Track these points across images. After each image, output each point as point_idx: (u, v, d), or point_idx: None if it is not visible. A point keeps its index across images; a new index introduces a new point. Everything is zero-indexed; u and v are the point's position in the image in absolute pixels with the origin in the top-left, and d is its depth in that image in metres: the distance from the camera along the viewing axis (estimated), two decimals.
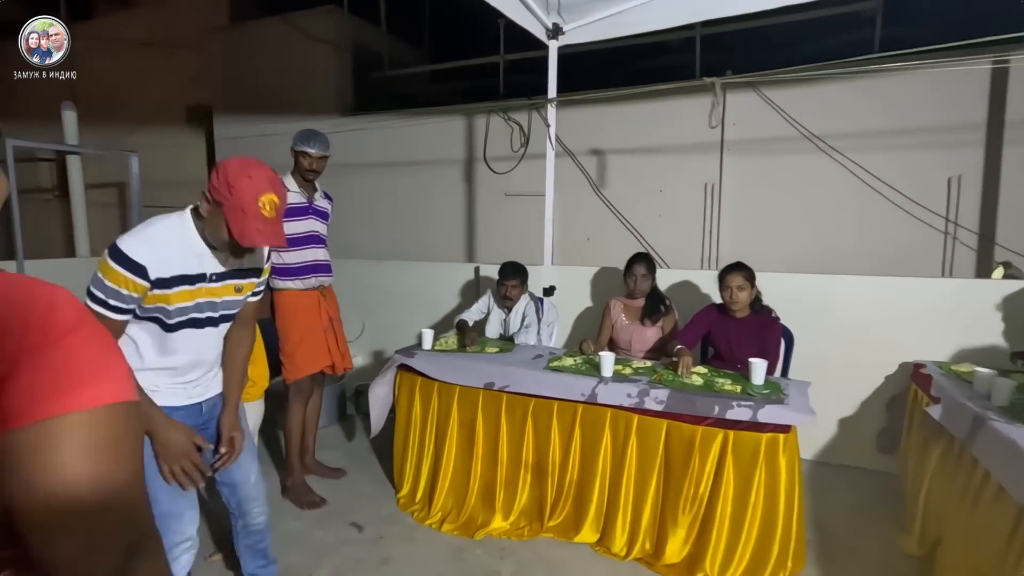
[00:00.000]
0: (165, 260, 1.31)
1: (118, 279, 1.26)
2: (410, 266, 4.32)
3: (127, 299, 1.29)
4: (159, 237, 1.32)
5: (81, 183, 5.12)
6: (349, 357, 2.87)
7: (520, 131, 4.56)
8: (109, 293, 1.27)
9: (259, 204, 1.28)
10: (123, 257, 1.26)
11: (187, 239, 1.36)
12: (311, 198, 2.68)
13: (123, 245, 1.27)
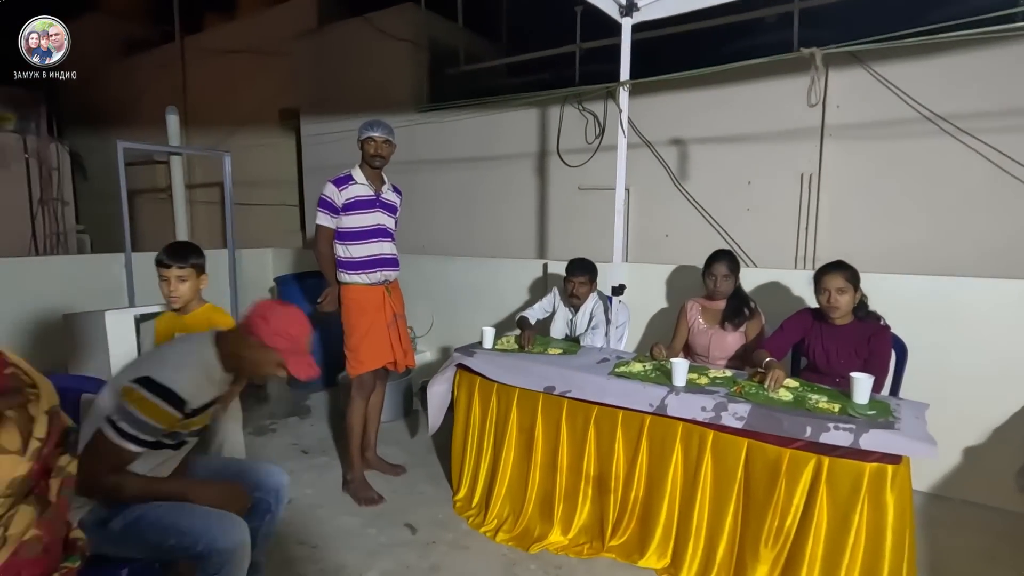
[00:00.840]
0: (201, 391, 1.44)
1: (159, 415, 1.34)
2: (478, 262, 4.24)
3: (158, 432, 1.37)
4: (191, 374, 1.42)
5: (182, 182, 5.52)
6: (412, 354, 2.83)
7: (595, 121, 4.34)
8: (145, 428, 1.34)
9: (307, 345, 1.48)
10: (161, 390, 1.34)
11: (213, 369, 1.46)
12: (378, 191, 2.65)
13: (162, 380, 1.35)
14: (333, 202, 2.56)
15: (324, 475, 2.84)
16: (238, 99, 7.71)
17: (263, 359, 1.44)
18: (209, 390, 1.45)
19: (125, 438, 1.32)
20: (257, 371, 1.49)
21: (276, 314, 1.42)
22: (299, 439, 3.36)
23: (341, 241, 2.60)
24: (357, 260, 2.59)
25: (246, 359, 1.44)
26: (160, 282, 2.02)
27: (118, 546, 1.37)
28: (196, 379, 1.40)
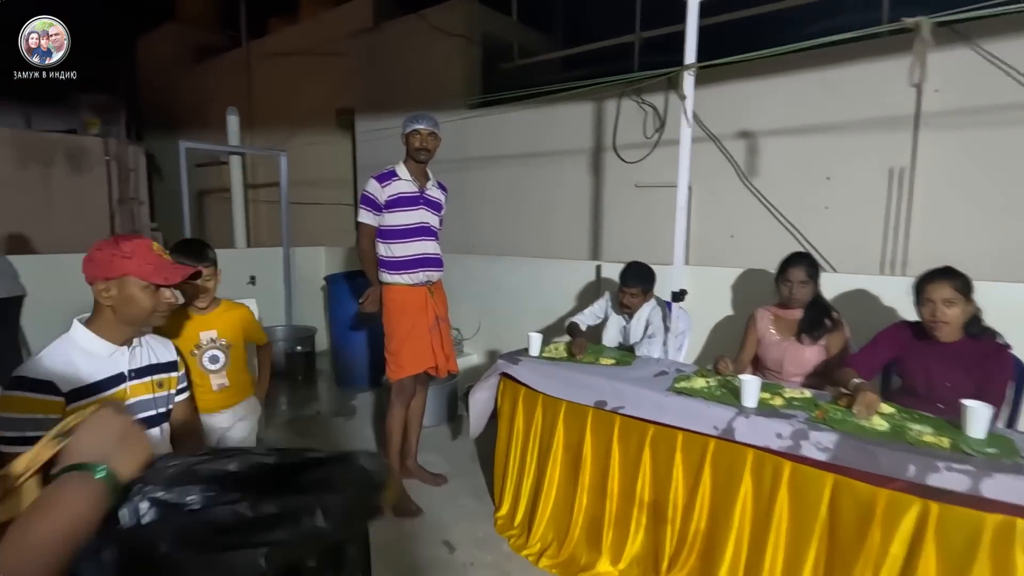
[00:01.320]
0: (75, 370, 1.29)
1: (23, 404, 1.20)
2: (528, 263, 4.07)
3: (46, 424, 1.22)
4: (55, 357, 1.29)
5: (240, 181, 5.65)
6: (454, 360, 2.69)
7: (654, 114, 4.08)
8: (21, 425, 1.18)
9: (155, 251, 1.36)
10: (25, 382, 1.22)
11: (89, 347, 1.34)
12: (423, 187, 2.53)
13: (22, 372, 1.23)
14: (375, 199, 2.46)
15: None
16: (298, 100, 7.89)
17: (124, 295, 1.32)
18: (91, 365, 1.33)
19: (11, 443, 1.18)
20: (134, 312, 1.34)
21: (95, 249, 1.32)
22: (340, 441, 3.30)
23: (383, 239, 2.49)
24: (399, 259, 2.48)
25: (111, 308, 1.33)
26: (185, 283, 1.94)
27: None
28: (59, 358, 1.29)
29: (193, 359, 1.89)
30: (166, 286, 1.40)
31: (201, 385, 1.90)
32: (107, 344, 1.36)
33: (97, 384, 1.32)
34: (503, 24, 5.67)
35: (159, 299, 1.39)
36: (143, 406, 1.43)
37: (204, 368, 1.93)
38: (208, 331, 1.94)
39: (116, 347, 1.38)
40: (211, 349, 1.95)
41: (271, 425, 3.54)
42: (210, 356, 1.95)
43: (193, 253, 1.87)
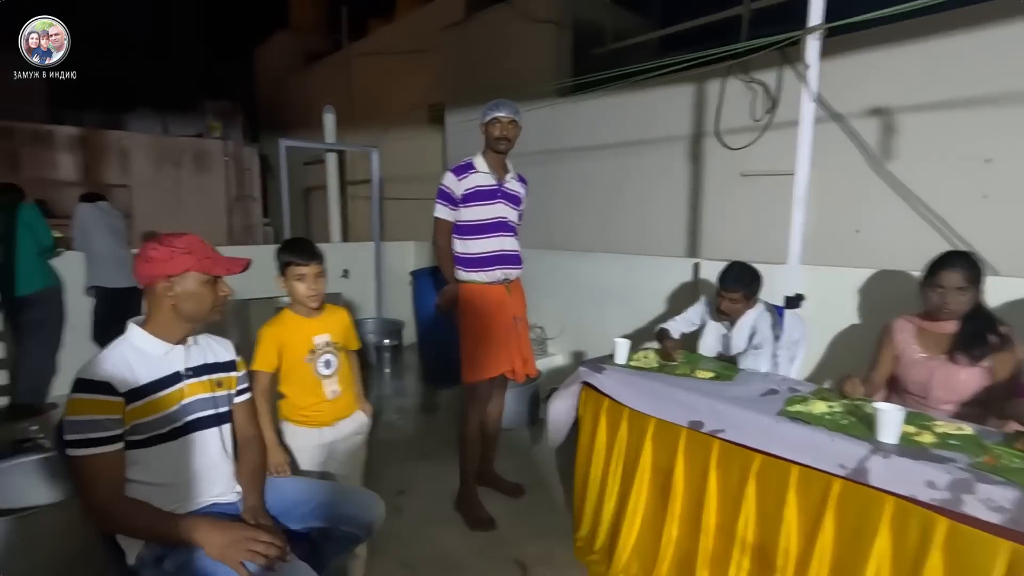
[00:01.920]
0: (132, 371, 1.28)
1: (89, 407, 1.20)
2: (617, 259, 3.80)
3: (107, 424, 1.20)
4: (112, 358, 1.28)
5: (336, 177, 5.84)
6: (533, 363, 2.52)
7: (764, 93, 3.63)
8: (87, 427, 1.18)
9: (208, 245, 1.37)
10: (84, 383, 1.21)
11: (144, 347, 1.32)
12: (501, 179, 2.37)
13: (82, 374, 1.23)
14: (451, 192, 2.34)
15: (440, 485, 2.66)
16: (393, 98, 8.09)
17: (186, 291, 1.32)
18: (147, 365, 1.30)
19: (77, 446, 1.18)
20: (196, 307, 1.34)
21: (150, 249, 1.31)
22: (422, 439, 3.25)
23: (459, 235, 2.37)
24: (475, 256, 2.35)
25: (172, 306, 1.32)
26: (294, 283, 1.74)
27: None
28: (116, 358, 1.27)
29: (307, 366, 1.77)
30: (225, 276, 1.38)
31: (314, 395, 1.80)
32: (162, 343, 1.34)
33: (154, 383, 1.31)
34: (595, 6, 5.37)
35: (217, 293, 1.37)
36: (201, 405, 1.40)
37: (319, 374, 1.80)
38: (321, 334, 1.81)
39: (171, 346, 1.36)
40: (325, 353, 1.81)
41: None
42: (324, 361, 1.81)
43: (304, 251, 1.75)
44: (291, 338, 1.77)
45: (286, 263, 1.76)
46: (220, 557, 1.18)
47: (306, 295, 1.75)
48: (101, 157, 8.29)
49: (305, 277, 1.74)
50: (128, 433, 1.25)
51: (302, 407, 1.80)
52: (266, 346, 1.74)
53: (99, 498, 1.19)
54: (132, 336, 1.33)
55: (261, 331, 1.75)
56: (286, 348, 1.76)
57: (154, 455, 1.30)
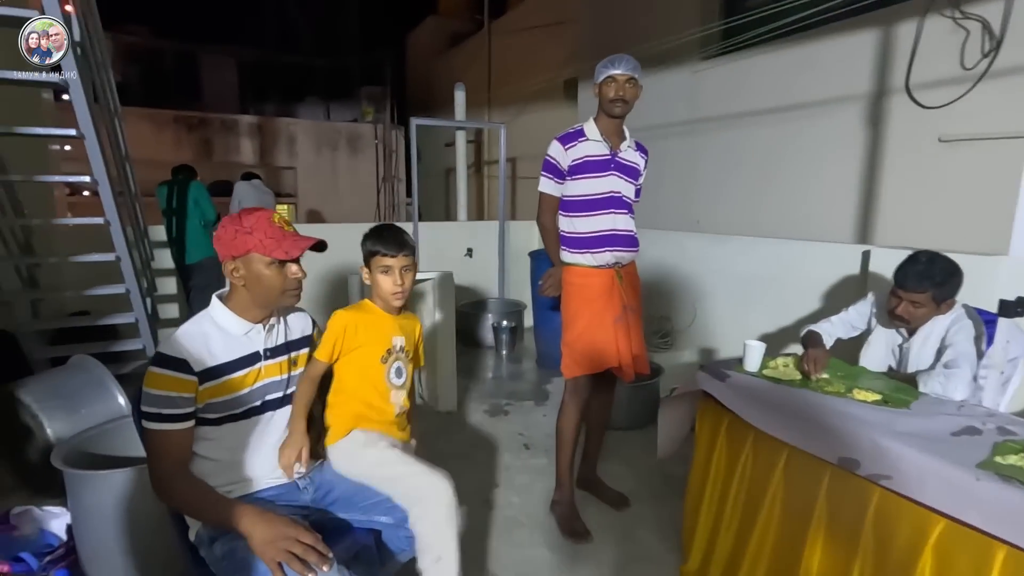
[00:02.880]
0: (209, 349, 1.24)
1: (165, 383, 1.17)
2: (763, 244, 3.25)
3: (180, 402, 1.18)
4: (192, 333, 1.24)
5: (464, 154, 5.85)
6: (645, 360, 2.20)
7: (983, 31, 2.80)
8: (161, 402, 1.17)
9: (276, 224, 1.26)
10: (162, 358, 1.18)
11: (225, 324, 1.28)
12: (615, 148, 2.06)
13: (161, 348, 1.21)
14: (557, 164, 2.08)
15: (538, 483, 2.47)
16: (529, 75, 7.93)
17: (252, 273, 1.25)
18: (226, 344, 1.26)
19: (150, 419, 1.17)
20: (263, 290, 1.26)
21: (223, 226, 1.26)
22: (527, 428, 3.09)
23: (565, 212, 2.11)
24: (582, 236, 2.07)
25: (244, 287, 1.27)
26: (379, 275, 1.47)
27: (219, 574, 1.19)
28: (196, 335, 1.24)
29: (381, 368, 1.48)
30: (288, 261, 1.27)
31: (383, 403, 1.49)
32: (243, 322, 1.29)
33: (231, 364, 1.26)
34: None
35: (286, 275, 1.27)
36: (275, 387, 1.35)
37: (391, 381, 1.51)
38: (399, 336, 1.53)
39: (252, 325, 1.30)
40: (399, 359, 1.53)
41: (468, 403, 3.52)
42: (396, 368, 1.52)
43: (391, 240, 1.46)
44: (369, 331, 1.48)
45: (371, 252, 1.48)
46: (260, 553, 1.11)
47: (391, 291, 1.47)
48: (273, 142, 9.32)
49: (391, 270, 1.46)
50: (201, 411, 1.23)
51: (364, 414, 1.48)
52: (337, 334, 1.44)
53: (163, 472, 1.19)
54: (214, 311, 1.30)
55: (336, 316, 1.46)
56: (361, 342, 1.47)
57: (224, 432, 1.28)
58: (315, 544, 1.11)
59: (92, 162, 2.54)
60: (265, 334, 1.33)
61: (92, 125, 2.45)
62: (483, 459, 2.70)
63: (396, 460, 1.44)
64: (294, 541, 1.10)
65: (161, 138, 8.48)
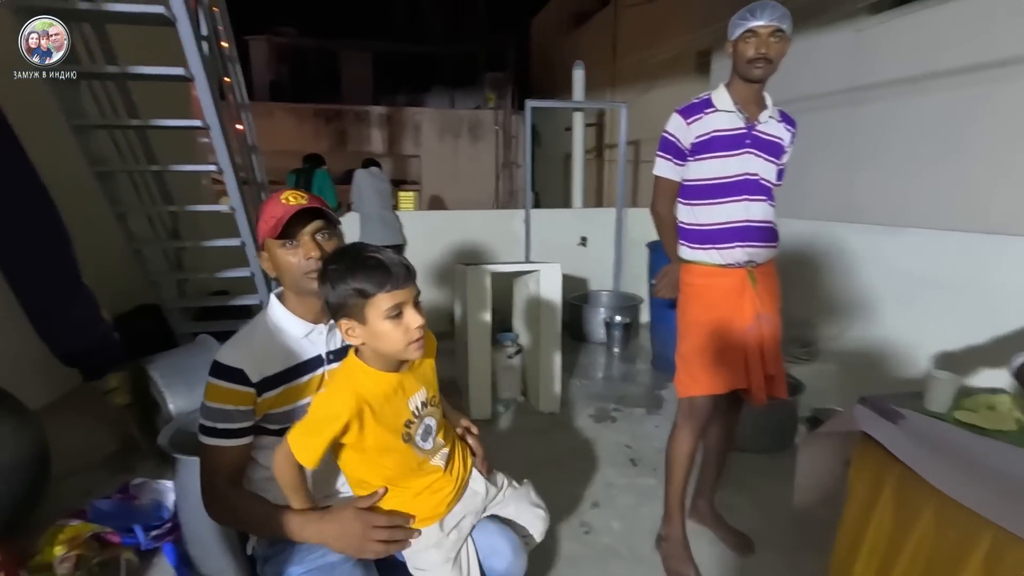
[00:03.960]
0: (267, 356, 1.10)
1: (222, 395, 1.05)
2: (947, 239, 2.59)
3: (236, 416, 1.06)
4: (251, 337, 1.13)
5: (581, 137, 5.53)
6: (782, 381, 1.80)
7: None
8: (217, 416, 1.06)
9: (282, 201, 1.11)
10: (218, 367, 1.06)
11: (284, 325, 1.15)
12: (753, 120, 1.68)
13: (218, 355, 1.08)
14: (677, 141, 1.74)
15: (643, 506, 2.18)
16: (658, 49, 7.37)
17: (275, 261, 1.14)
18: (286, 348, 1.12)
19: (205, 433, 1.07)
20: (285, 276, 1.13)
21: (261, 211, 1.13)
22: (635, 440, 2.78)
23: (685, 199, 1.77)
24: (706, 228, 1.72)
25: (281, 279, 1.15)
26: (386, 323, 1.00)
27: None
28: (254, 340, 1.11)
29: (406, 449, 1.08)
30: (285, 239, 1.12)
31: (426, 485, 1.11)
32: (301, 322, 1.16)
33: (291, 371, 1.13)
34: None
35: (300, 257, 1.12)
36: None
37: (421, 450, 1.11)
38: (417, 392, 1.11)
39: (312, 325, 1.16)
40: (425, 418, 1.12)
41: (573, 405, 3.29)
42: (424, 431, 1.12)
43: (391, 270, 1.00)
44: (379, 413, 1.04)
45: (359, 293, 0.99)
46: (353, 554, 1.05)
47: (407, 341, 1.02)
48: (401, 131, 9.70)
49: (404, 308, 1.01)
50: (261, 421, 1.12)
51: (410, 501, 1.10)
52: (329, 429, 1.00)
53: (213, 488, 1.10)
54: (272, 311, 1.18)
55: (328, 400, 1.05)
56: (368, 432, 1.03)
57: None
58: (390, 521, 1.07)
59: (217, 151, 2.67)
60: (327, 335, 1.18)
61: (217, 117, 2.56)
62: (582, 471, 2.47)
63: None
64: (371, 528, 1.04)
65: (302, 130, 9.22)
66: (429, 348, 1.16)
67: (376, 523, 1.04)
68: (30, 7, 2.22)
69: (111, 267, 3.10)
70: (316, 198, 1.16)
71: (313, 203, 1.13)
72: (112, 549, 1.75)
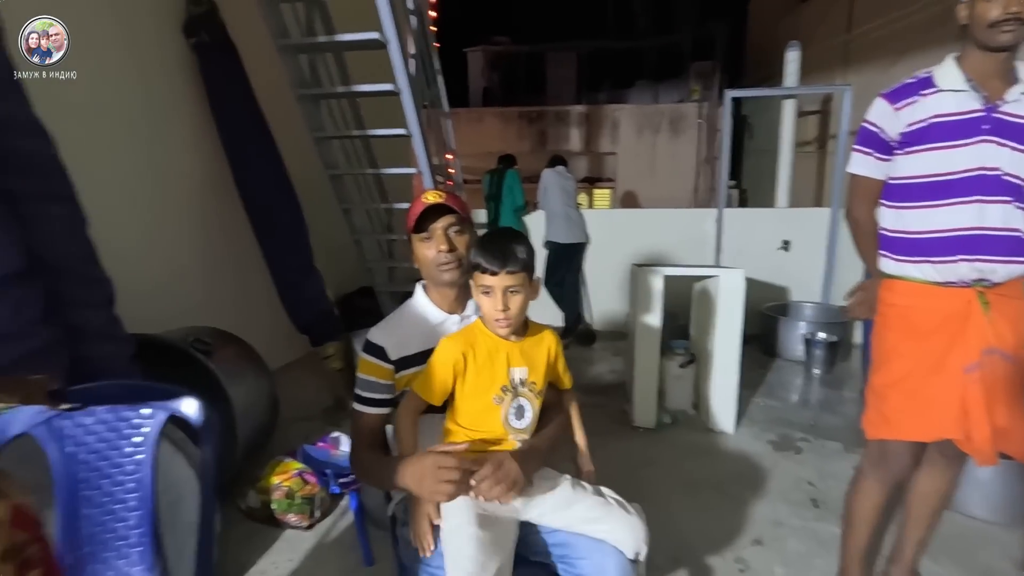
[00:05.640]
0: (406, 337, 1.23)
1: (367, 368, 1.22)
2: None
3: (378, 388, 1.22)
4: (395, 322, 1.27)
5: (791, 128, 4.90)
6: (1020, 436, 1.38)
7: None
8: (364, 386, 1.22)
9: (422, 198, 1.23)
10: (367, 344, 1.23)
11: (425, 312, 1.27)
12: (994, 100, 1.31)
13: (369, 335, 1.24)
14: (880, 132, 1.44)
15: (817, 558, 1.88)
16: (913, 15, 6.12)
17: (414, 252, 1.26)
18: (423, 333, 1.23)
19: (355, 400, 1.23)
20: (423, 268, 1.24)
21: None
22: (822, 479, 2.41)
23: (889, 201, 1.47)
24: (916, 237, 1.40)
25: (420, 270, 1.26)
26: (480, 296, 1.17)
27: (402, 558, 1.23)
28: (397, 324, 1.25)
29: (495, 410, 1.17)
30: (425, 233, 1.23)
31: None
32: (437, 310, 1.28)
33: (425, 353, 1.23)
34: None
35: (433, 250, 1.22)
36: None
37: (508, 424, 1.18)
38: (519, 367, 1.19)
39: (446, 314, 1.28)
40: (521, 396, 1.19)
41: (750, 426, 2.98)
42: (517, 408, 1.19)
43: (494, 253, 1.12)
44: (480, 364, 1.16)
45: (472, 265, 1.16)
46: (429, 495, 1.08)
47: (492, 317, 1.16)
48: (598, 129, 9.74)
49: (492, 291, 1.13)
50: (399, 397, 1.25)
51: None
52: (441, 367, 1.15)
53: (357, 448, 1.26)
54: (416, 298, 1.32)
55: (442, 346, 1.18)
56: (470, 377, 1.16)
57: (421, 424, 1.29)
58: (458, 464, 1.07)
59: (417, 155, 3.02)
60: (459, 325, 1.27)
61: (418, 125, 2.90)
62: (747, 501, 2.22)
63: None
64: (439, 469, 1.06)
65: (507, 132, 9.86)
66: (545, 337, 1.26)
67: (445, 464, 1.06)
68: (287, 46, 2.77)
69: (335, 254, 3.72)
70: (454, 197, 1.25)
71: (449, 201, 1.22)
72: (311, 487, 2.13)
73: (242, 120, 2.75)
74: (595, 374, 3.85)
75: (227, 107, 2.74)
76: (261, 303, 3.18)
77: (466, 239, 1.25)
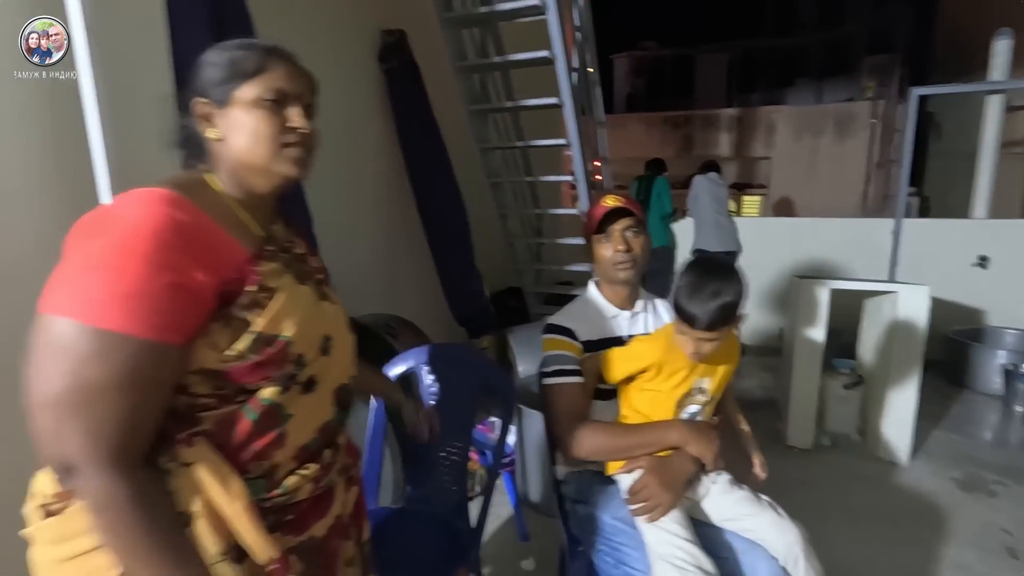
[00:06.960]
0: (587, 325, 1.34)
1: (559, 344, 1.31)
2: None
3: (572, 360, 1.29)
4: (574, 312, 1.39)
5: (996, 127, 4.24)
6: None
7: None
8: (560, 360, 1.29)
9: (603, 202, 1.33)
10: (555, 327, 1.34)
11: (598, 305, 1.39)
12: None
13: (552, 321, 1.37)
14: None
15: None
16: None
17: (594, 253, 1.37)
18: (598, 323, 1.36)
19: (549, 377, 1.28)
20: (603, 270, 1.36)
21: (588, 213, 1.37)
22: (1017, 525, 2.11)
23: None
24: None
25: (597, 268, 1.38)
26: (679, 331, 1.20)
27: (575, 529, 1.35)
28: (576, 313, 1.38)
29: (672, 413, 1.27)
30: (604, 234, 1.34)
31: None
32: (610, 306, 1.39)
33: (597, 343, 1.35)
34: None
35: (611, 249, 1.33)
36: None
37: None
38: (705, 377, 1.26)
39: (618, 310, 1.38)
40: (697, 404, 1.28)
41: (929, 461, 2.69)
42: (690, 414, 1.28)
43: (701, 315, 1.12)
44: (667, 370, 1.23)
45: (676, 309, 1.18)
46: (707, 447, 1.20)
47: (687, 353, 1.20)
48: (751, 133, 9.18)
49: (695, 342, 1.17)
50: None
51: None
52: (635, 360, 1.25)
53: (567, 427, 1.26)
54: (590, 293, 1.43)
55: (642, 349, 1.28)
56: (659, 381, 1.24)
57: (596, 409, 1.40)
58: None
59: (575, 164, 3.16)
60: (630, 320, 1.37)
61: (577, 136, 3.04)
62: (924, 539, 2.02)
63: None
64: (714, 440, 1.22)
65: (650, 137, 9.69)
66: (732, 354, 1.29)
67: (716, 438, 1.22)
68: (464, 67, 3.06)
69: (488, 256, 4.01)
70: (632, 202, 1.35)
71: (627, 205, 1.33)
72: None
73: (421, 134, 3.10)
74: (744, 388, 3.69)
75: (409, 122, 3.11)
76: (428, 296, 3.53)
77: (641, 240, 1.34)
